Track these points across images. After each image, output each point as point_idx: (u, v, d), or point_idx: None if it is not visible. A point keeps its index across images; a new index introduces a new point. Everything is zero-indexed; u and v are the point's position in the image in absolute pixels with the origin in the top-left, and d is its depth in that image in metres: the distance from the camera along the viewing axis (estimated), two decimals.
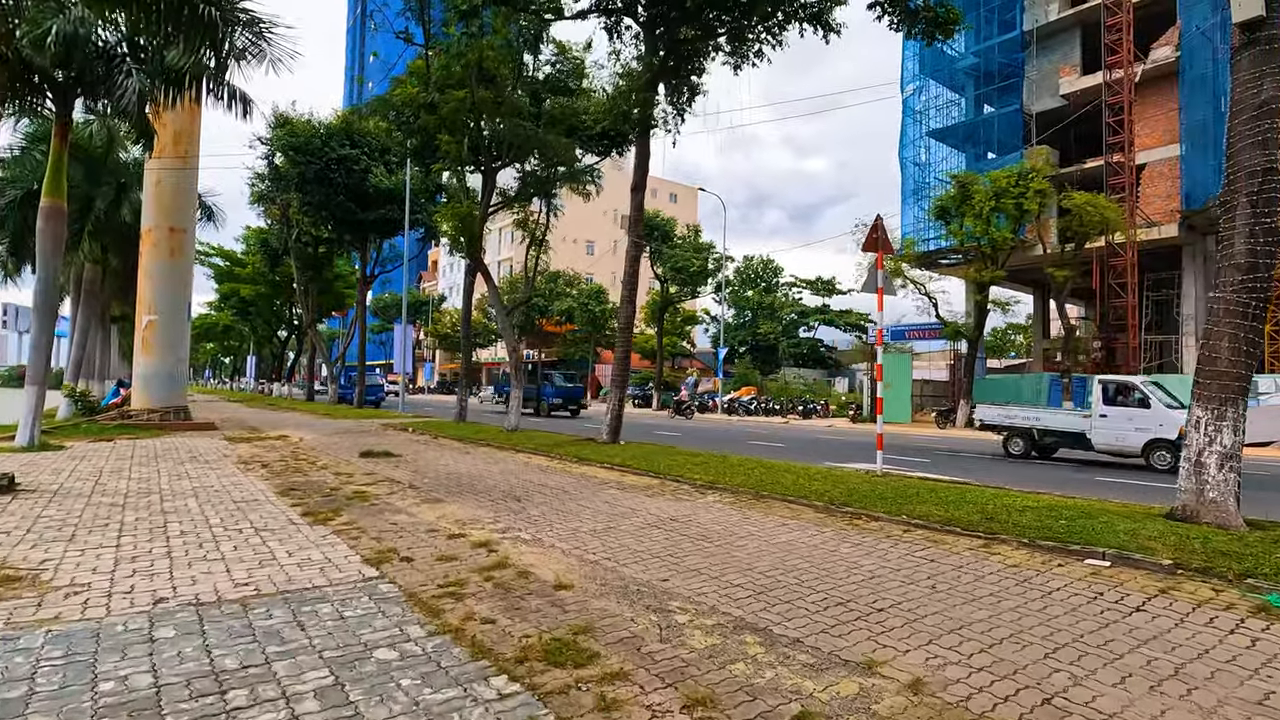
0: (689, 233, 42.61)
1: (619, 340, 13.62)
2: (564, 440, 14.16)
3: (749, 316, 56.74)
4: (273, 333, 49.49)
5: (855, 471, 10.12)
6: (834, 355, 59.34)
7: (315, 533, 6.03)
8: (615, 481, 9.41)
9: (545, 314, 52.54)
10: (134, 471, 9.60)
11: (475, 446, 14.03)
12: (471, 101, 15.66)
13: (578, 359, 54.76)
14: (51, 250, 12.81)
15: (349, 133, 27.10)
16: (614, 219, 72.93)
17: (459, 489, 8.57)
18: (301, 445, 13.98)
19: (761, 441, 18.21)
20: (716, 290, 41.77)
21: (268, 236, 36.45)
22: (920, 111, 33.21)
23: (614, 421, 13.62)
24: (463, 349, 21.35)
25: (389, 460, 11.41)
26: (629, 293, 13.43)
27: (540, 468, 10.77)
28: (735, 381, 43.11)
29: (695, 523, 6.70)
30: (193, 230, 18.01)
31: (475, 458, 12.04)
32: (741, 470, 9.79)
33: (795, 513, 7.26)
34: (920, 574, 4.97)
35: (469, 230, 16.74)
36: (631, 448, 12.82)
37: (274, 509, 7.10)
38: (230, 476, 9.37)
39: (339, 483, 8.96)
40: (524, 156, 18.33)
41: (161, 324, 17.05)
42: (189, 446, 13.22)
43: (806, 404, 32.43)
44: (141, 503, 7.29)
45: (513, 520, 6.71)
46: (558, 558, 5.33)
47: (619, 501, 7.85)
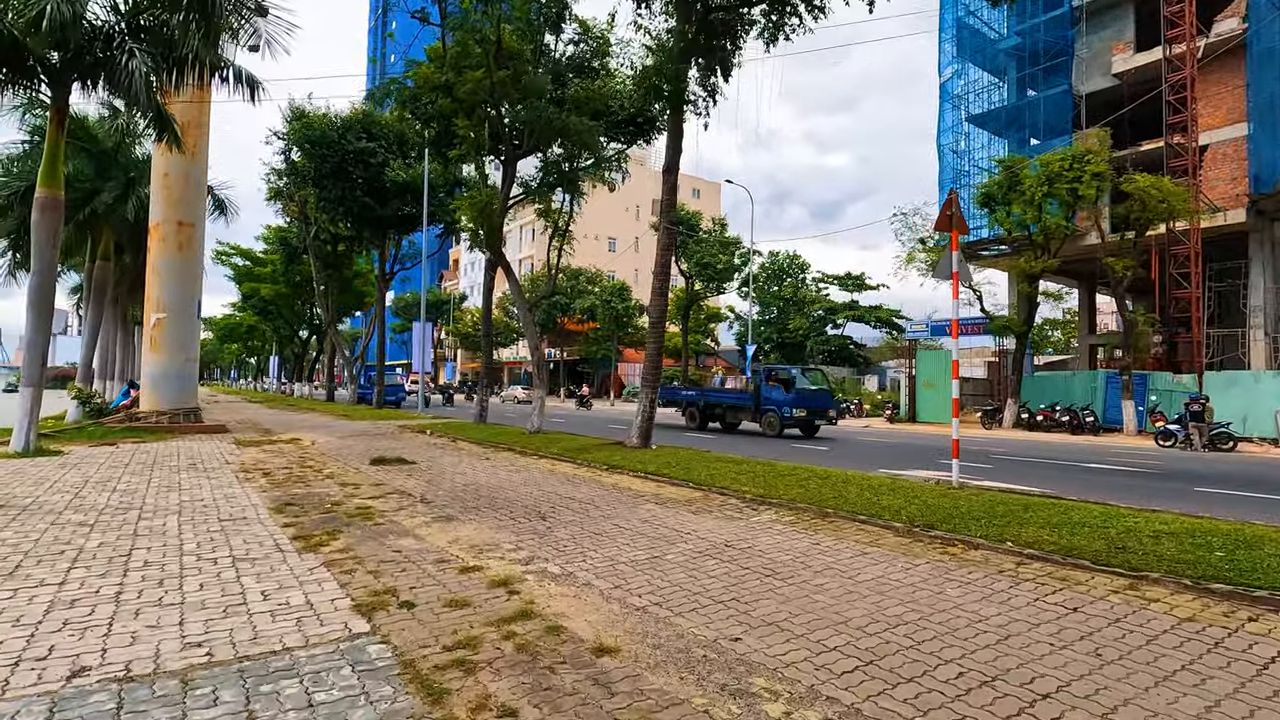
0: (715, 227, 41.42)
1: (650, 336, 12.53)
2: (590, 444, 13.12)
3: (775, 313, 55.33)
4: (294, 333, 49.23)
5: (924, 482, 8.92)
6: (863, 352, 57.72)
7: (302, 564, 5.03)
8: (652, 494, 8.32)
9: (567, 312, 51.63)
10: (122, 482, 8.72)
11: (496, 451, 13.04)
12: (490, 83, 14.66)
13: (600, 357, 53.82)
14: (47, 243, 12.06)
15: (366, 125, 26.38)
16: (636, 214, 71.87)
17: (476, 504, 7.54)
18: (311, 450, 13.10)
19: (802, 445, 17.00)
20: (743, 285, 40.47)
21: (287, 235, 35.97)
22: (959, 97, 31.64)
23: (645, 424, 12.54)
24: (483, 348, 20.43)
25: (401, 468, 10.45)
26: (660, 284, 12.33)
27: (566, 477, 9.73)
28: None
29: (755, 550, 5.58)
30: (202, 225, 17.27)
31: (495, 464, 11.03)
32: (794, 481, 8.65)
33: (872, 536, 6.10)
34: (1069, 632, 3.81)
35: (488, 221, 15.76)
36: (665, 453, 11.73)
37: (262, 530, 6.12)
38: (225, 488, 8.45)
39: (343, 495, 7.99)
40: (546, 143, 17.31)
41: (170, 322, 16.32)
42: (192, 451, 12.40)
43: (839, 403, 31.05)
44: (115, 522, 6.36)
45: (538, 546, 5.65)
46: (595, 602, 4.26)
47: (660, 520, 6.76)
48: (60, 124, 12.18)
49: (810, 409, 19.23)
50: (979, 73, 32.19)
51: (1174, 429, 18.29)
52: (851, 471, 9.73)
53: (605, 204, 64.95)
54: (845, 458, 13.89)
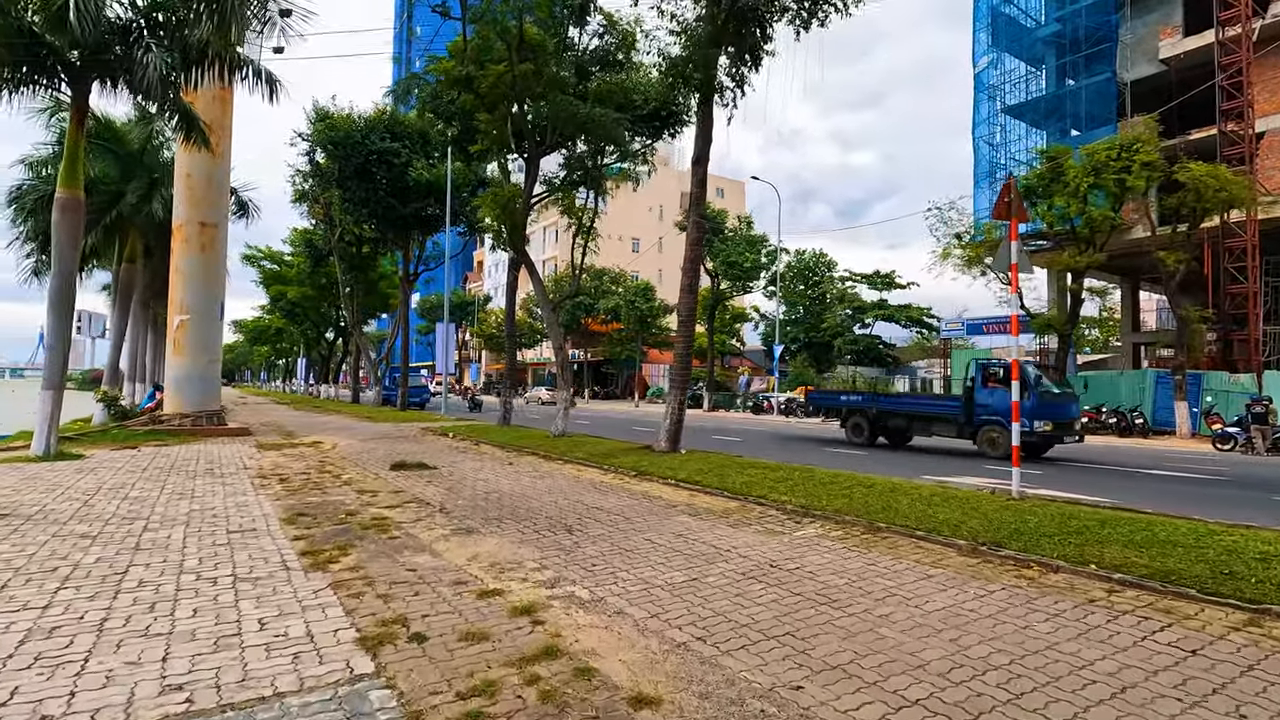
0: (741, 225, 40.71)
1: (679, 334, 11.99)
2: (617, 449, 12.62)
3: (801, 312, 54.39)
4: (320, 335, 49.54)
5: (979, 491, 8.26)
6: (892, 353, 56.52)
7: (308, 585, 4.59)
8: (685, 504, 7.78)
9: (591, 313, 51.26)
10: (136, 488, 8.43)
11: (519, 455, 12.60)
12: (512, 77, 14.26)
13: (624, 358, 53.37)
14: (68, 244, 11.89)
15: (389, 125, 26.23)
16: (659, 215, 71.37)
17: (498, 514, 7.08)
18: (332, 454, 12.80)
19: (837, 449, 16.32)
20: (770, 284, 39.69)
21: (312, 237, 36.07)
22: (994, 87, 30.60)
23: (674, 427, 12.00)
24: (507, 349, 20.07)
25: (422, 474, 10.05)
26: (690, 280, 11.79)
27: (594, 484, 9.23)
28: (790, 381, 41.00)
29: (805, 571, 5.02)
30: (225, 226, 17.14)
31: (519, 470, 10.58)
32: (837, 490, 8.05)
33: (934, 556, 5.51)
34: (1197, 683, 3.20)
35: (511, 219, 15.36)
36: (695, 458, 11.18)
37: (270, 544, 5.72)
38: (239, 495, 8.11)
39: (359, 504, 7.59)
40: (569, 139, 16.87)
41: (193, 324, 16.19)
42: (212, 456, 12.16)
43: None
44: (119, 534, 6.01)
45: (564, 565, 5.16)
46: (630, 635, 3.75)
47: (696, 534, 6.23)
48: (80, 124, 12.00)
49: (1056, 420, 14.52)
50: (1015, 62, 31.13)
51: (1233, 431, 17.25)
52: (897, 479, 9.09)
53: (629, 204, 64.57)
54: (884, 462, 13.21)
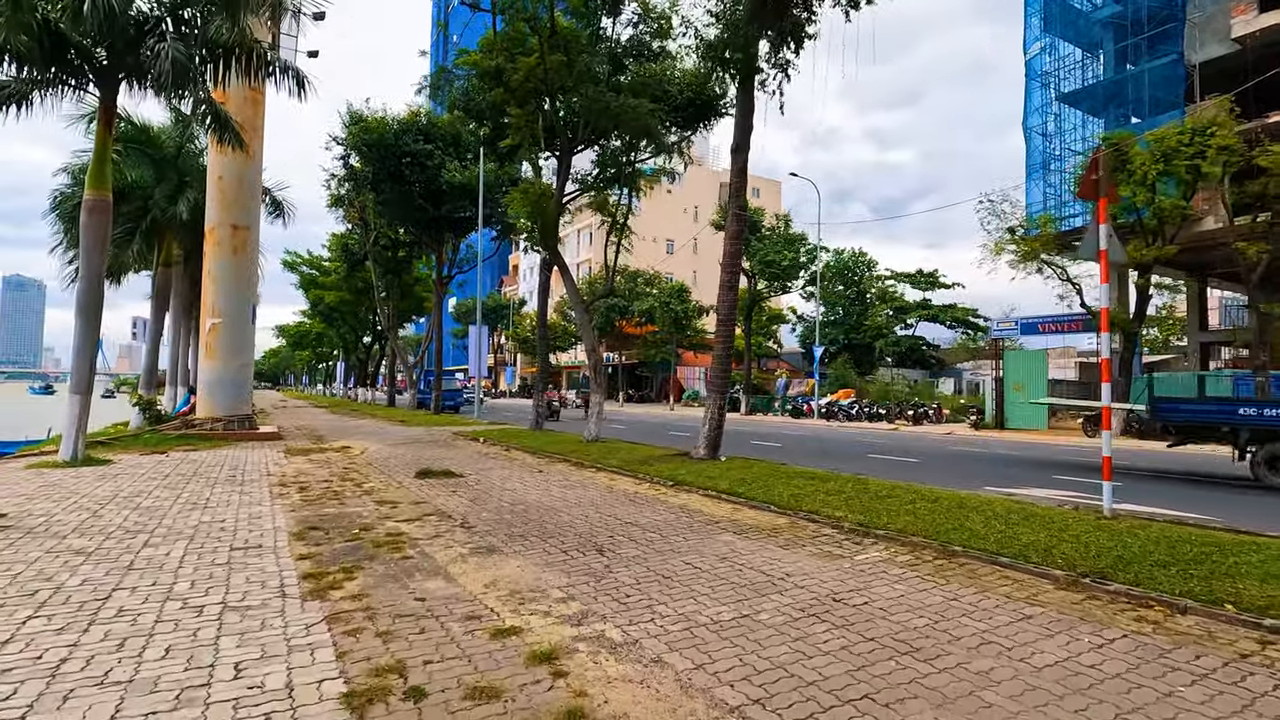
0: (779, 223, 39.72)
1: (718, 335, 11.26)
2: (652, 455, 11.94)
3: (840, 313, 52.97)
4: (358, 338, 50.02)
5: (1060, 507, 7.35)
6: (936, 354, 54.70)
7: (302, 618, 4.02)
8: (728, 520, 7.06)
9: (625, 315, 50.71)
10: (150, 497, 8.06)
11: (550, 462, 12.02)
12: (543, 69, 13.74)
13: (659, 361, 52.67)
14: (95, 247, 11.74)
15: (422, 128, 26.10)
16: (694, 216, 70.55)
17: (523, 530, 6.46)
18: (358, 460, 12.40)
19: (886, 455, 15.35)
20: (810, 284, 38.60)
21: (348, 241, 36.30)
22: (1048, 74, 29.09)
23: (712, 433, 11.28)
24: (539, 351, 19.57)
25: (447, 482, 9.52)
26: (729, 277, 11.06)
27: (628, 495, 8.57)
28: (830, 383, 39.77)
29: (876, 607, 4.27)
30: (257, 228, 17.01)
31: (549, 479, 9.98)
32: (897, 504, 7.24)
33: (1026, 590, 4.69)
34: None
35: (543, 216, 14.83)
36: (736, 466, 10.44)
37: (272, 565, 5.19)
38: (253, 505, 7.67)
39: (376, 517, 7.06)
40: (603, 133, 16.29)
41: (225, 327, 16.06)
42: (238, 461, 11.86)
43: (917, 408, 28.94)
44: (115, 550, 5.56)
45: (593, 595, 4.50)
46: (671, 695, 3.07)
47: (742, 557, 5.51)
48: (108, 125, 11.87)
49: None
50: (1069, 48, 29.55)
51: None
52: (962, 493, 8.21)
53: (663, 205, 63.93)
54: (939, 471, 12.26)
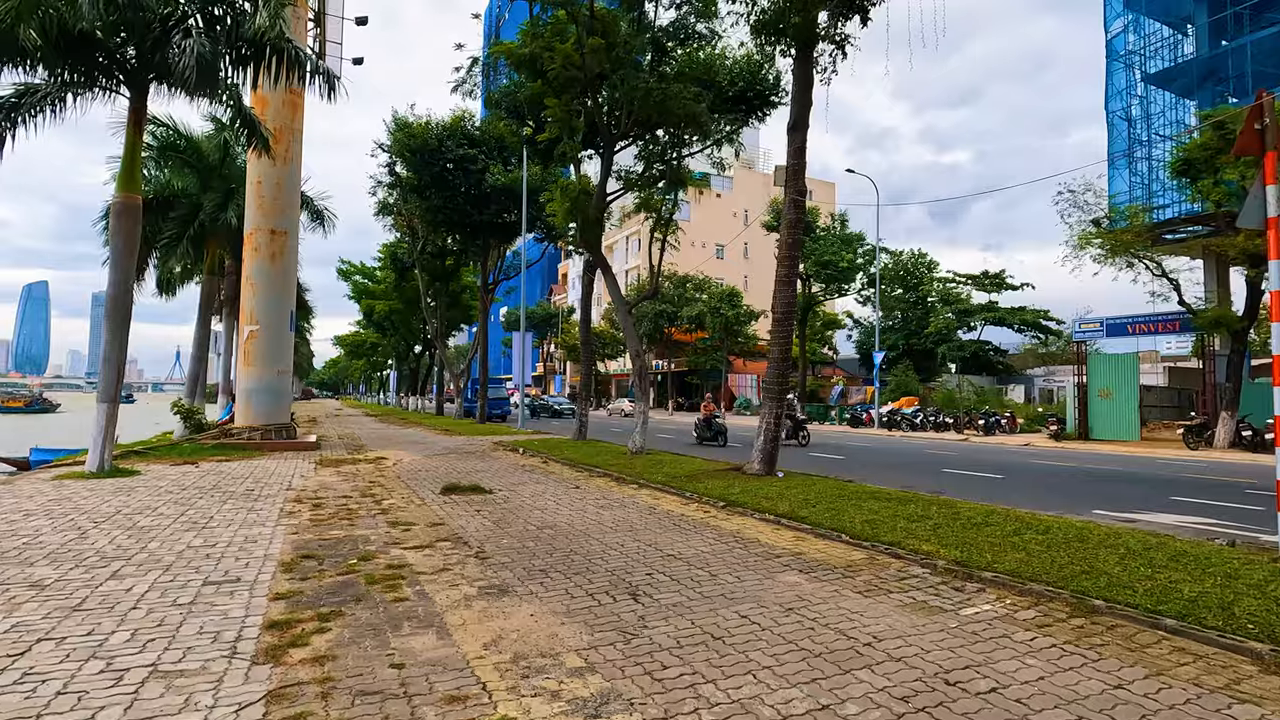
0: (834, 223, 38.05)
1: (774, 335, 10.09)
2: (702, 470, 10.81)
3: (899, 318, 50.59)
4: (409, 348, 50.40)
5: (1208, 542, 5.91)
6: (1003, 359, 51.72)
7: (239, 694, 3.09)
8: (790, 552, 5.90)
9: (674, 321, 49.61)
10: (152, 514, 7.42)
11: (589, 477, 11.03)
12: (581, 56, 12.88)
13: (709, 368, 51.35)
14: (125, 251, 11.39)
15: (466, 131, 25.77)
16: (744, 219, 69.05)
17: (546, 563, 5.46)
18: (388, 472, 11.69)
19: (963, 470, 13.80)
20: (869, 286, 36.73)
21: (397, 250, 36.41)
22: (1131, 54, 26.80)
23: (768, 445, 10.08)
24: (582, 357, 18.69)
25: (473, 500, 8.63)
26: (787, 271, 9.88)
27: (672, 518, 7.48)
28: (891, 390, 37.73)
29: (1010, 700, 3.08)
30: (295, 233, 16.69)
31: (585, 496, 8.98)
32: (1000, 535, 5.94)
33: (1220, 673, 3.40)
34: None
35: (583, 213, 13.95)
36: (796, 484, 9.22)
37: (238, 610, 4.32)
38: (255, 526, 6.91)
39: (383, 543, 6.18)
40: (646, 124, 15.31)
41: (263, 335, 15.73)
42: (264, 473, 11.29)
43: (987, 416, 26.86)
44: (74, 585, 4.81)
45: (621, 665, 3.45)
46: None
47: (814, 608, 4.37)
48: (138, 125, 11.53)
49: None
50: (1154, 25, 27.21)
51: None
52: (1077, 520, 6.82)
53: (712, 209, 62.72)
54: (1029, 489, 10.74)
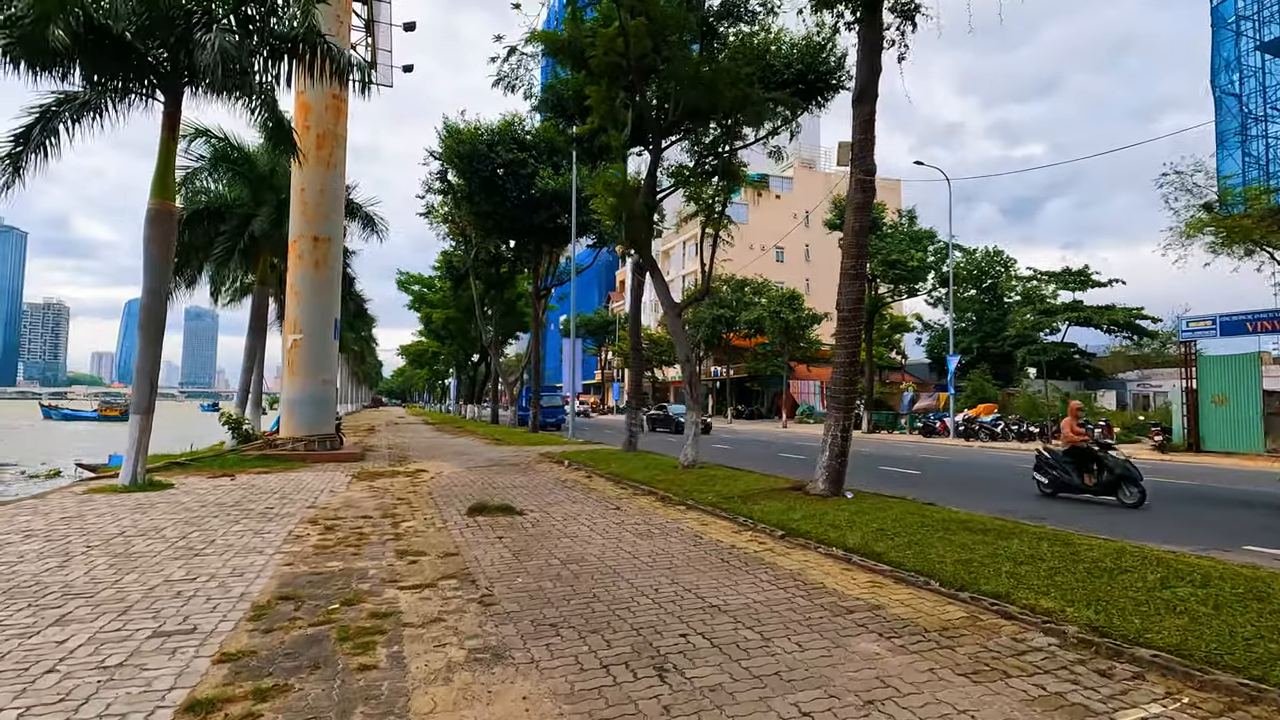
0: (901, 219, 35.99)
1: (840, 336, 8.84)
2: (758, 488, 9.62)
3: (973, 319, 47.61)
4: (467, 356, 50.71)
5: None
6: (1090, 363, 48.02)
7: None
8: (867, 604, 4.70)
9: (732, 326, 48.13)
10: (155, 538, 6.83)
11: (632, 495, 10.02)
12: (624, 40, 11.96)
13: (769, 374, 49.63)
14: (160, 259, 11.12)
15: (515, 136, 25.37)
16: (805, 221, 66.93)
17: (560, 613, 4.46)
18: (421, 487, 10.98)
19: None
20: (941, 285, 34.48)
21: (452, 258, 36.48)
22: (1242, 20, 24.02)
23: (835, 461, 8.82)
24: (631, 363, 17.74)
25: (498, 523, 7.74)
26: (854, 262, 8.63)
27: (720, 551, 6.37)
28: (966, 397, 35.27)
29: None
30: (340, 240, 16.40)
31: (624, 520, 7.96)
32: (1142, 587, 4.59)
33: None
34: None
35: (627, 207, 12.99)
36: (868, 506, 7.94)
37: (169, 673, 3.49)
38: (253, 554, 6.19)
39: (380, 579, 5.33)
40: (696, 113, 14.23)
41: (307, 343, 15.43)
42: (292, 488, 10.76)
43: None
44: (4, 632, 4.11)
45: None
46: None
47: (903, 700, 3.20)
48: (172, 130, 11.26)
49: None
50: None
51: None
52: (1248, 567, 5.35)
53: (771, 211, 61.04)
54: (1152, 516, 9.09)
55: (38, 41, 8.96)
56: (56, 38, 9.02)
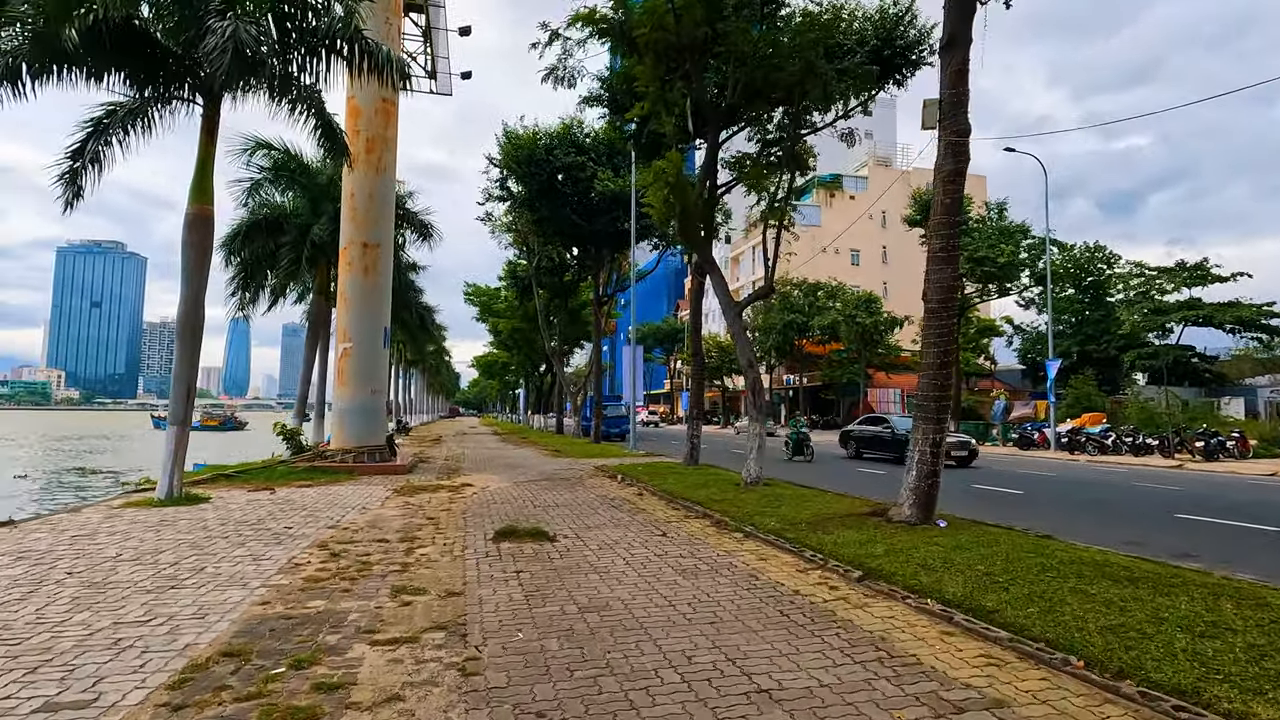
0: (990, 212, 33.29)
1: (929, 331, 7.38)
2: (830, 513, 8.23)
3: (1071, 321, 43.65)
4: (534, 366, 50.68)
5: None
6: (1211, 367, 43.18)
7: None
8: (981, 698, 3.33)
9: (804, 332, 46.01)
10: (146, 563, 6.18)
11: (685, 518, 8.82)
12: (673, 15, 10.90)
13: (845, 382, 47.12)
14: (198, 266, 10.81)
15: (574, 139, 24.78)
16: (881, 222, 63.86)
17: (551, 696, 3.34)
18: (457, 505, 10.14)
19: (1205, 515, 10.01)
20: (1035, 284, 31.56)
21: (516, 267, 36.34)
22: None
23: (923, 481, 7.36)
24: (692, 369, 16.54)
25: (523, 552, 6.72)
26: (944, 244, 7.17)
27: (779, 598, 5.10)
28: (1068, 406, 32.09)
29: None
30: (389, 246, 16.01)
31: (667, 552, 6.78)
32: None
33: None
34: None
35: (681, 199, 11.84)
36: (966, 539, 6.46)
37: None
38: (232, 588, 5.39)
39: (355, 630, 4.37)
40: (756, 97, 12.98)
41: (356, 352, 15.04)
42: (327, 502, 10.14)
43: (1209, 437, 21.38)
44: None
45: None
46: None
47: None
48: (210, 135, 10.96)
49: None
50: None
51: None
52: None
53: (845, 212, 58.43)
54: None
55: (49, 41, 8.68)
56: (68, 37, 8.71)
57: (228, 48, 8.83)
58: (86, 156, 10.78)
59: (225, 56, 8.73)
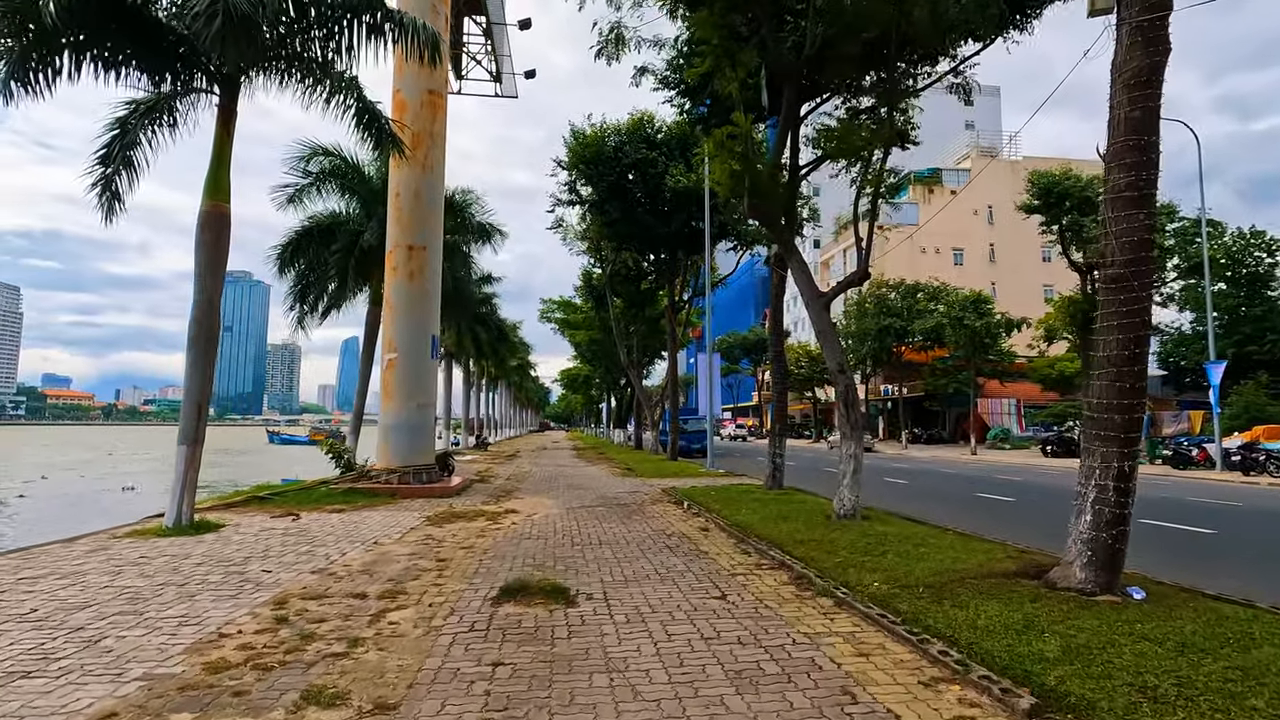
0: None
1: (1108, 307, 4.98)
2: (957, 569, 5.93)
3: (1224, 320, 37.60)
4: (615, 379, 49.38)
5: None
6: None
7: None
8: None
9: (904, 338, 42.22)
10: (45, 626, 4.83)
11: (758, 567, 6.73)
12: None
13: (951, 392, 42.80)
14: (211, 267, 9.82)
15: (644, 135, 23.19)
16: (988, 217, 58.56)
17: None
18: (488, 538, 8.47)
19: None
20: (1182, 275, 27.00)
21: (590, 276, 35.14)
22: None
23: (1105, 531, 4.99)
24: (773, 375, 14.36)
25: (522, 625, 4.89)
26: (1133, 176, 4.81)
27: None
28: (1232, 416, 27.19)
29: None
30: (437, 249, 14.80)
31: (723, 629, 4.75)
32: None
33: None
34: None
35: (752, 174, 9.79)
36: (1187, 627, 4.09)
37: None
38: (89, 683, 3.87)
39: None
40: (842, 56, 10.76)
41: (401, 363, 13.86)
42: (344, 532, 8.78)
43: None
44: None
45: None
46: None
47: None
48: (226, 126, 9.98)
49: None
50: None
51: None
52: None
53: (948, 209, 53.80)
54: None
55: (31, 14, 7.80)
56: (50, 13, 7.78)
57: (215, 11, 7.66)
58: (117, 161, 10.03)
59: (214, 23, 7.55)
